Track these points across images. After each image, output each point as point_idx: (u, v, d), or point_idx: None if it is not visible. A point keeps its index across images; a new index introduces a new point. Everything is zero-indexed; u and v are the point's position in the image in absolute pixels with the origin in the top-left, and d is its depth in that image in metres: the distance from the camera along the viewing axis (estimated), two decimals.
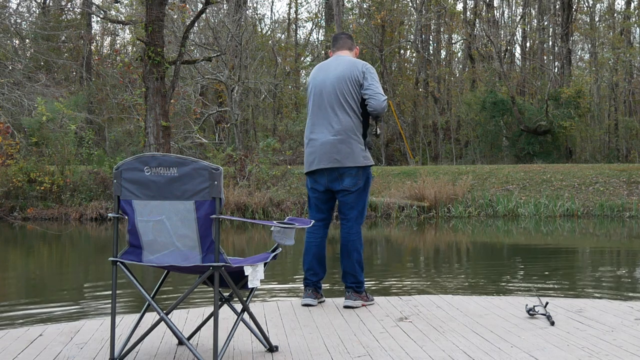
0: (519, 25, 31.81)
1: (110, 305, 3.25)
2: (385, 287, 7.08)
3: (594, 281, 7.55)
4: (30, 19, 27.50)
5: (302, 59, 30.87)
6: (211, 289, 3.20)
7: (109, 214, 3.32)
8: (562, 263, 9.40)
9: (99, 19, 27.62)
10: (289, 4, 35.19)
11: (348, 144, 4.36)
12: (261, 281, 3.20)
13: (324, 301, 4.63)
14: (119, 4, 24.82)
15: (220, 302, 3.36)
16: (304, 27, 41.52)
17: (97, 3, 26.65)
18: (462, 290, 7.05)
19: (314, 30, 33.01)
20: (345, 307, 4.42)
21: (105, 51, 31.27)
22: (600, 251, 10.95)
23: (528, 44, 32.94)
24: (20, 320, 5.65)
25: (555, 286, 7.14)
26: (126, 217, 3.15)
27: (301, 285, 6.86)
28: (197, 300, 6.21)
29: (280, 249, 3.37)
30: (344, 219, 4.50)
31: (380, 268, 8.79)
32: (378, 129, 4.58)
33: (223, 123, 24.10)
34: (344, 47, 4.64)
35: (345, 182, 4.41)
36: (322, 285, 4.68)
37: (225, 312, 4.02)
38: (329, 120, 4.39)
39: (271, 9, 40.90)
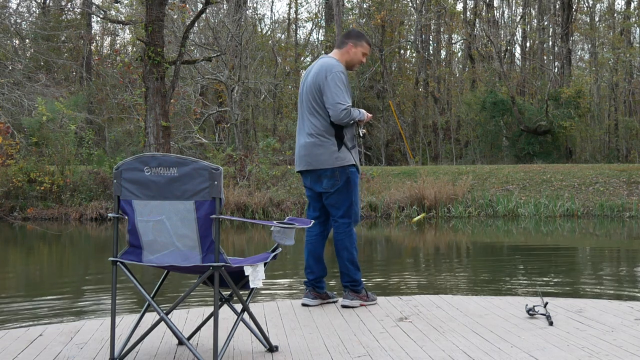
0: (519, 25, 31.80)
1: (110, 305, 3.25)
2: (385, 287, 7.08)
3: (594, 281, 7.55)
4: (30, 19, 27.51)
5: (302, 59, 30.85)
6: (211, 289, 3.20)
7: (109, 214, 3.32)
8: (562, 263, 9.41)
9: (99, 19, 27.64)
10: (289, 4, 35.22)
11: (319, 147, 4.39)
12: (262, 281, 3.20)
13: (335, 301, 4.59)
14: (119, 4, 24.84)
15: (220, 302, 3.36)
16: (304, 27, 41.52)
17: (97, 3, 26.65)
18: (462, 290, 7.06)
19: (314, 30, 33.01)
20: (343, 306, 4.41)
21: (105, 51, 31.28)
22: (600, 251, 10.95)
23: (528, 44, 32.94)
24: (20, 320, 5.65)
25: (555, 286, 7.14)
26: (126, 217, 3.15)
27: (301, 285, 6.86)
28: (197, 300, 6.21)
29: (280, 249, 3.38)
30: (332, 219, 4.53)
31: (380, 268, 8.79)
32: (360, 130, 4.55)
33: (223, 123, 24.09)
34: (337, 45, 4.65)
35: (324, 183, 4.44)
36: (325, 284, 4.65)
37: (225, 312, 4.02)
38: (304, 124, 4.48)
39: (271, 9, 40.95)
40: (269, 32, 30.84)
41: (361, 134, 4.55)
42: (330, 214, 4.53)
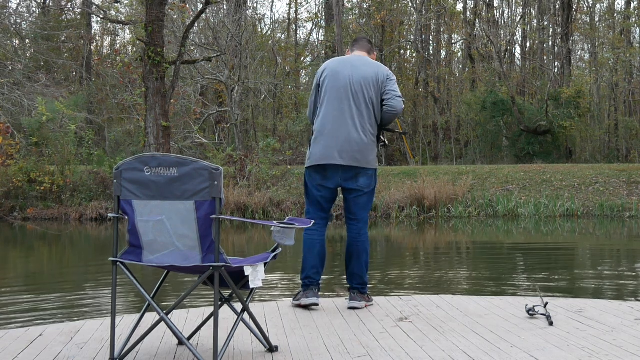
0: (519, 25, 31.80)
1: (110, 305, 3.25)
2: (385, 287, 7.08)
3: (594, 281, 7.55)
4: (30, 19, 27.51)
5: (302, 59, 30.86)
6: (211, 289, 3.20)
7: (109, 214, 3.32)
8: (562, 263, 9.41)
9: (99, 19, 27.62)
10: (289, 4, 35.18)
11: (369, 145, 4.35)
12: (262, 281, 3.20)
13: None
14: (119, 4, 24.81)
15: (220, 302, 3.36)
16: (304, 27, 41.46)
17: (97, 3, 26.65)
18: (462, 290, 7.06)
19: (314, 30, 33.01)
20: (350, 308, 4.38)
21: (105, 51, 31.27)
22: (600, 251, 10.95)
23: (528, 44, 32.94)
24: (20, 320, 5.65)
25: (556, 286, 7.15)
26: (126, 217, 3.15)
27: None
28: (197, 300, 6.21)
29: (280, 249, 3.37)
30: (354, 219, 4.45)
31: (380, 268, 8.79)
32: (386, 139, 4.56)
33: (223, 123, 24.09)
34: (364, 48, 4.61)
35: (360, 181, 4.38)
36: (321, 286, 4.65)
37: (225, 312, 4.02)
38: (355, 118, 4.32)
39: (271, 9, 40.92)
40: (269, 32, 30.83)
41: (386, 142, 4.58)
42: (353, 214, 4.45)
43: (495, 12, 31.38)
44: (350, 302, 4.41)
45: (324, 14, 30.82)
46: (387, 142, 4.56)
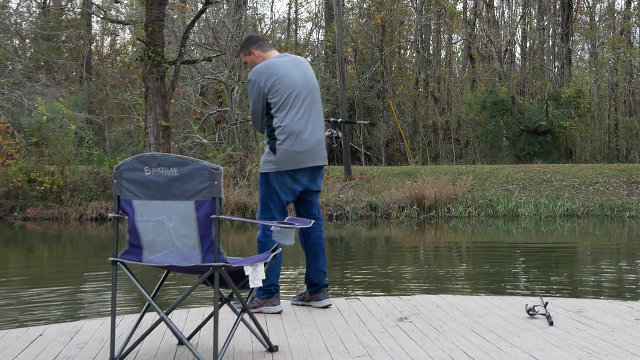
0: (519, 25, 31.79)
1: (110, 305, 3.25)
2: (386, 287, 7.08)
3: (594, 281, 7.55)
4: (30, 19, 27.50)
5: None
6: (211, 289, 3.20)
7: (109, 214, 3.32)
8: (562, 263, 9.41)
9: (99, 19, 27.63)
10: (289, 4, 35.14)
11: (325, 143, 4.49)
12: (263, 281, 3.20)
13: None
14: (119, 4, 24.82)
15: (220, 302, 3.36)
16: (304, 27, 41.47)
17: (97, 3, 26.65)
18: (462, 290, 7.06)
19: (314, 30, 33.00)
20: (328, 306, 4.38)
21: (105, 51, 31.28)
22: (600, 251, 10.95)
23: (528, 44, 32.92)
24: (20, 320, 5.65)
25: (556, 286, 7.14)
26: (126, 217, 3.15)
27: (302, 285, 6.84)
28: (197, 300, 6.21)
29: (280, 249, 3.38)
30: (317, 218, 4.46)
31: (380, 268, 8.79)
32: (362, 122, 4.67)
33: (223, 123, 24.09)
34: (274, 47, 4.68)
35: (319, 181, 4.45)
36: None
37: (225, 312, 4.02)
38: (316, 119, 4.39)
39: (271, 9, 40.91)
40: (269, 32, 30.82)
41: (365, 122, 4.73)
42: (312, 214, 4.47)
43: (495, 12, 31.38)
44: (326, 301, 4.39)
45: (324, 14, 30.81)
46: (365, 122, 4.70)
